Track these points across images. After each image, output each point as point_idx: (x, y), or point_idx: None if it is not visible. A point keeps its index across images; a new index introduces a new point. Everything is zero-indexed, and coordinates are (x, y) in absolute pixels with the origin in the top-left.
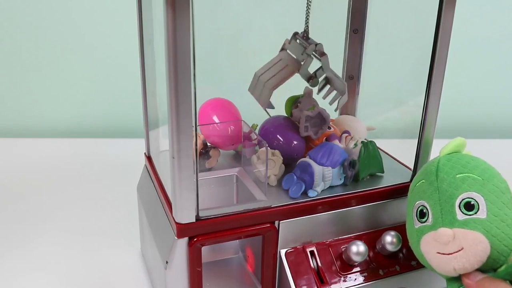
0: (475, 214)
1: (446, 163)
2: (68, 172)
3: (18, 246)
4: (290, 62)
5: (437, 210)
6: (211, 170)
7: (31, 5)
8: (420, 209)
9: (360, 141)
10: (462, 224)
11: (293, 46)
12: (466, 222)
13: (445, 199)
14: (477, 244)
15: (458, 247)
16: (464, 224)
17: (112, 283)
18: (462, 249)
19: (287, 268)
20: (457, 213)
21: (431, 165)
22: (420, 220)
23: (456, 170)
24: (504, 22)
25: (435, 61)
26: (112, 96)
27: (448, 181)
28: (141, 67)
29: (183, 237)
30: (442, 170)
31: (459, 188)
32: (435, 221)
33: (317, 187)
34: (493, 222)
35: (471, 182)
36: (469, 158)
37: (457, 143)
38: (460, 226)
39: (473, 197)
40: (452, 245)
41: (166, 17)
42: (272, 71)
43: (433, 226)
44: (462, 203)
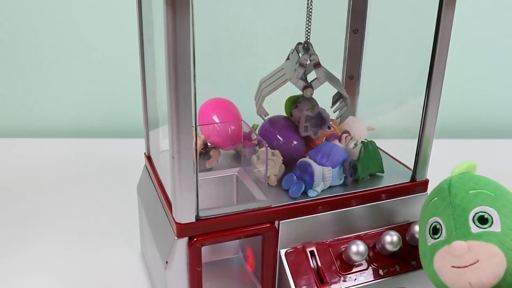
0: (489, 228)
1: (458, 180)
2: (68, 172)
3: (18, 246)
4: (287, 71)
5: (451, 225)
6: (211, 170)
7: (31, 5)
8: (433, 226)
9: (360, 141)
10: (477, 237)
11: (294, 56)
12: (480, 235)
13: (459, 213)
14: (492, 256)
15: (473, 260)
16: (478, 236)
17: (112, 283)
18: (478, 262)
19: (287, 268)
20: (471, 226)
21: (443, 183)
22: (433, 236)
23: (468, 187)
24: (504, 22)
25: (435, 61)
26: (112, 96)
27: (460, 196)
28: (141, 67)
29: (183, 237)
30: (455, 186)
31: (472, 202)
32: (449, 235)
33: (317, 187)
34: (508, 235)
35: (484, 197)
36: (480, 177)
37: (468, 165)
38: (474, 239)
39: (486, 211)
40: (467, 257)
41: (166, 17)
42: (271, 80)
43: (447, 241)
44: (476, 217)
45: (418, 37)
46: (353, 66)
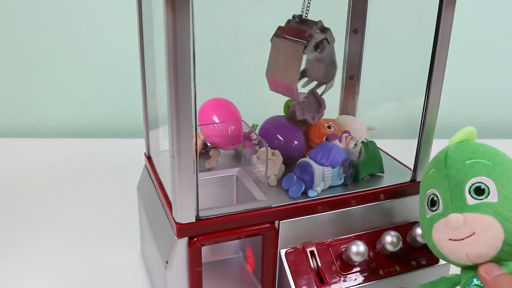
0: (485, 198)
1: (455, 150)
2: (68, 172)
3: (18, 246)
4: (291, 48)
5: (447, 197)
6: (211, 170)
7: (31, 5)
8: (431, 198)
9: (360, 141)
10: (473, 209)
11: (290, 29)
12: (476, 207)
13: (455, 185)
14: (488, 228)
15: (469, 232)
16: (474, 208)
17: (112, 283)
18: (474, 234)
19: (287, 268)
20: (467, 198)
21: (440, 153)
22: (431, 209)
23: (465, 157)
24: (504, 22)
25: (435, 61)
26: (112, 96)
27: (457, 167)
28: (141, 67)
29: (183, 237)
30: (451, 157)
31: (468, 173)
32: (446, 208)
33: (317, 187)
34: (505, 205)
35: (481, 167)
36: (478, 145)
37: (467, 132)
38: (470, 211)
39: (483, 181)
40: (463, 230)
41: (166, 17)
42: (282, 65)
43: (444, 213)
44: (472, 188)
45: (418, 37)
46: (353, 66)
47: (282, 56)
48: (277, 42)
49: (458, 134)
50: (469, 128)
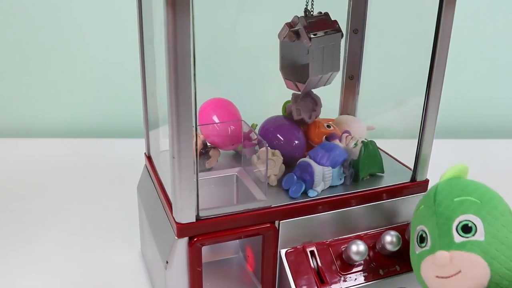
0: (472, 237)
1: (445, 187)
2: (68, 172)
3: (18, 246)
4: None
5: (435, 234)
6: (211, 170)
7: (31, 5)
8: (420, 234)
9: (360, 141)
10: (460, 247)
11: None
12: (463, 245)
13: (443, 222)
14: (475, 267)
15: (455, 270)
16: (461, 246)
17: (112, 283)
18: (460, 272)
19: (287, 268)
20: (454, 236)
21: (430, 190)
22: (420, 245)
23: (454, 194)
24: (504, 22)
25: (435, 61)
26: (112, 96)
27: (445, 204)
28: (141, 67)
29: (183, 237)
30: (440, 193)
31: (456, 211)
32: (433, 244)
33: (317, 187)
34: (492, 244)
35: (469, 205)
36: (468, 182)
37: (458, 168)
38: (457, 249)
39: (470, 219)
40: (449, 268)
41: (166, 17)
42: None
43: (431, 250)
44: (459, 225)
45: (418, 37)
46: (353, 66)
47: (326, 53)
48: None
49: (450, 170)
50: (461, 164)
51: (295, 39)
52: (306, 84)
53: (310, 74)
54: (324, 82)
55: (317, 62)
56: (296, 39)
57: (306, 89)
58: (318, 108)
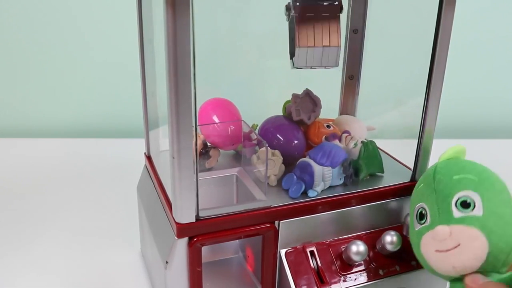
0: (471, 212)
1: (444, 166)
2: (68, 172)
3: (18, 246)
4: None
5: (434, 210)
6: (211, 170)
7: (32, 5)
8: (420, 211)
9: (360, 141)
10: (459, 221)
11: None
12: (462, 219)
13: (442, 199)
14: (474, 240)
15: (455, 243)
16: (460, 221)
17: (112, 283)
18: (459, 245)
19: (287, 268)
20: (453, 211)
21: (430, 169)
22: (419, 222)
23: (453, 172)
24: (504, 22)
25: (435, 61)
26: (112, 96)
27: (444, 182)
28: (141, 67)
29: (183, 237)
30: (439, 172)
31: (455, 188)
32: (433, 220)
33: (317, 187)
34: (490, 218)
35: (467, 182)
36: (467, 162)
37: (456, 149)
38: (456, 223)
39: (469, 195)
40: (449, 241)
41: (166, 17)
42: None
43: (431, 226)
44: (458, 201)
45: (418, 37)
46: (353, 66)
47: (316, 24)
48: (305, 11)
49: (448, 151)
50: (459, 146)
51: (288, 13)
52: (296, 57)
53: (297, 44)
54: (322, 60)
55: (304, 31)
56: (288, 13)
57: (300, 63)
58: (317, 109)
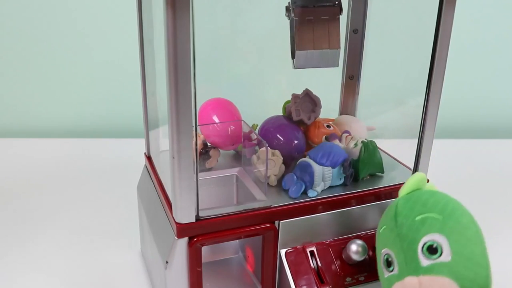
0: (439, 258)
1: (404, 205)
2: (68, 172)
3: (18, 246)
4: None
5: (401, 259)
6: (211, 170)
7: (32, 5)
8: (386, 258)
9: (360, 140)
10: (427, 271)
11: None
12: (431, 268)
13: (407, 246)
14: None
15: None
16: (429, 270)
17: (112, 283)
18: None
19: (287, 268)
20: (420, 260)
21: (390, 209)
22: (387, 269)
23: (415, 212)
24: (504, 22)
25: (435, 61)
26: (112, 96)
27: (407, 225)
28: (141, 67)
29: (183, 237)
30: (401, 214)
31: (419, 231)
32: (401, 270)
33: (317, 187)
34: (459, 263)
35: (431, 223)
36: (428, 195)
37: (415, 180)
38: (425, 273)
39: (435, 239)
40: None
41: (166, 17)
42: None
43: (400, 276)
44: (424, 247)
45: (418, 37)
46: (353, 66)
47: (316, 26)
48: (305, 13)
49: (407, 184)
50: (417, 175)
51: (288, 14)
52: (296, 59)
53: (297, 47)
54: (322, 61)
55: (304, 34)
56: (288, 14)
57: (300, 65)
58: (317, 109)
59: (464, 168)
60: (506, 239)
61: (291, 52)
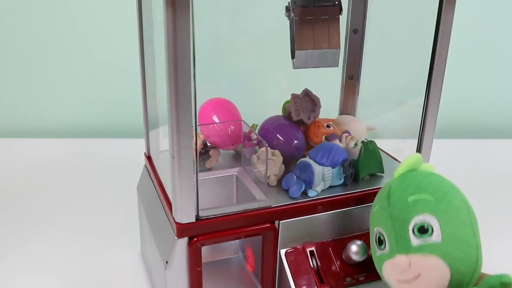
0: (429, 238)
1: (398, 186)
2: (68, 172)
3: (18, 246)
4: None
5: (392, 237)
6: (211, 170)
7: (32, 5)
8: (378, 237)
9: (360, 141)
10: (417, 250)
11: None
12: (421, 248)
13: (399, 225)
14: (434, 269)
15: (415, 274)
16: (419, 249)
17: (112, 283)
18: (420, 275)
19: (287, 268)
20: (411, 239)
21: (384, 189)
22: (379, 247)
23: (408, 193)
24: (504, 22)
25: (435, 61)
26: (112, 96)
27: (400, 205)
28: (141, 67)
29: (183, 237)
30: (394, 194)
31: (411, 211)
32: (391, 248)
33: (317, 187)
34: (449, 243)
35: (423, 204)
36: (422, 176)
37: (411, 161)
38: (415, 252)
39: (426, 219)
40: (409, 272)
41: (166, 17)
42: (319, 34)
43: (390, 254)
44: (415, 227)
45: (418, 37)
46: (353, 66)
47: (316, 26)
48: (305, 13)
49: (402, 165)
50: (413, 155)
51: (288, 14)
52: (296, 59)
53: (297, 47)
54: (322, 61)
55: (304, 34)
56: (288, 14)
57: (300, 65)
58: (317, 109)
59: (464, 168)
60: (506, 239)
61: (291, 52)
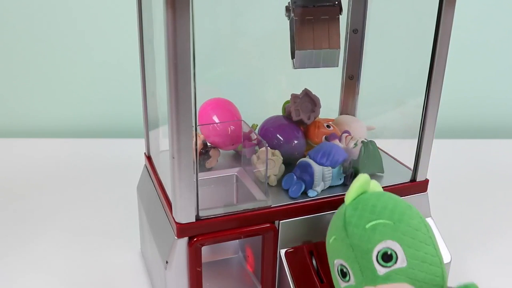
0: (395, 265)
1: (353, 213)
2: (68, 172)
3: (18, 246)
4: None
5: (357, 269)
6: (211, 170)
7: (32, 5)
8: (340, 269)
9: (360, 141)
10: (385, 279)
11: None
12: (388, 276)
13: (361, 256)
14: None
15: None
16: (386, 279)
17: (112, 283)
18: None
19: (287, 268)
20: (376, 268)
21: (338, 218)
22: (343, 279)
23: (364, 219)
24: (504, 22)
25: (435, 61)
26: (112, 96)
27: (358, 234)
28: (141, 67)
29: (183, 237)
30: (350, 223)
31: (371, 240)
32: (357, 280)
33: (317, 187)
34: (415, 267)
35: (382, 230)
36: (375, 199)
37: (360, 184)
38: (383, 282)
39: (388, 245)
40: None
41: (166, 17)
42: (319, 34)
43: (357, 286)
44: (378, 255)
45: (418, 37)
46: (353, 66)
47: (316, 26)
48: (305, 13)
49: (352, 190)
50: (361, 177)
51: (288, 14)
52: (296, 59)
53: (297, 47)
54: (322, 61)
55: (304, 34)
56: (288, 14)
57: (300, 65)
58: (317, 109)
59: (464, 168)
60: (506, 239)
61: (291, 52)
